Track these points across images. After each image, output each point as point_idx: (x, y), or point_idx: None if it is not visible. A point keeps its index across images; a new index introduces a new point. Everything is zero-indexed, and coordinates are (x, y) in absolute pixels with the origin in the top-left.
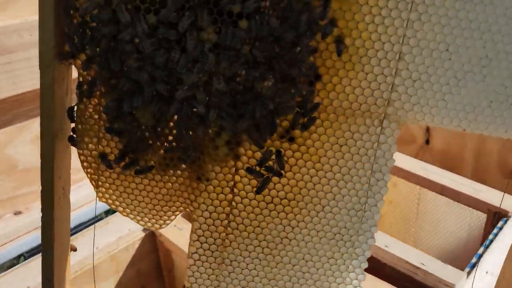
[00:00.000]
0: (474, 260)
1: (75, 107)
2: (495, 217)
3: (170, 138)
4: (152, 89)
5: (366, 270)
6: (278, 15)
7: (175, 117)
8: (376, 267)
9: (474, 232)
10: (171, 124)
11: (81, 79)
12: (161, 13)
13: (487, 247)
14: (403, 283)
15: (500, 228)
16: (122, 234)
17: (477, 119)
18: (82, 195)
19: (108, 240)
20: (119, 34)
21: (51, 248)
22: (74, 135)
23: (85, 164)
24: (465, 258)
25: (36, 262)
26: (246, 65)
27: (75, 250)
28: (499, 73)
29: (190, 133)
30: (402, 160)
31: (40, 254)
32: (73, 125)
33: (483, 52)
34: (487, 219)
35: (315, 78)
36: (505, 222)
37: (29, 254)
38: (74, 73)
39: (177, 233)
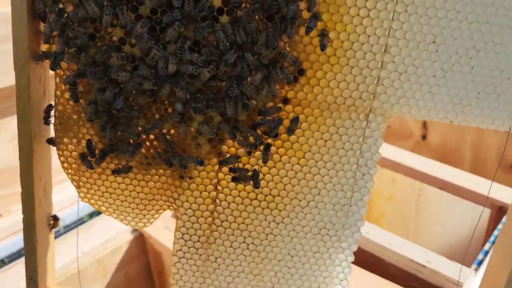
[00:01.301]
0: (481, 256)
1: (53, 108)
2: (500, 212)
3: (152, 137)
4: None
5: (370, 269)
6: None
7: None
8: (380, 267)
9: (476, 227)
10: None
11: (57, 80)
12: None
13: (493, 243)
14: (408, 282)
15: None
16: (108, 237)
17: (464, 111)
18: (65, 197)
19: (94, 243)
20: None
21: (33, 248)
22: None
23: (65, 165)
24: (468, 254)
25: (17, 268)
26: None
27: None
28: (487, 63)
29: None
30: (401, 155)
31: (22, 259)
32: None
33: (470, 43)
34: (491, 214)
35: (298, 72)
36: None
37: (10, 259)
38: None
39: (168, 234)
